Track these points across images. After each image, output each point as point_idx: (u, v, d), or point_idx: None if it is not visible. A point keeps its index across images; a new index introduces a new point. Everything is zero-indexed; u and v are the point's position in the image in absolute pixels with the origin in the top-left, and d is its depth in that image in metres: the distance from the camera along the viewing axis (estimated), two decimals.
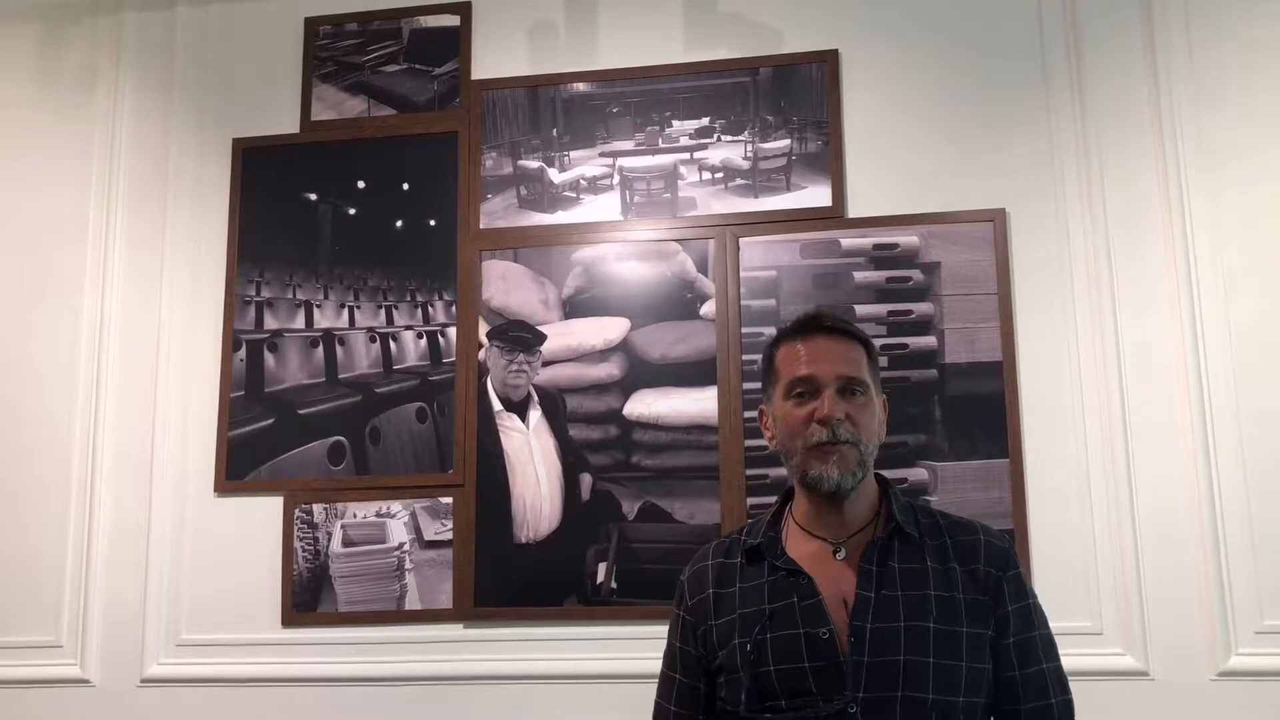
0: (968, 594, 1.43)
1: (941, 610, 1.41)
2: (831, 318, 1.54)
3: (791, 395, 1.48)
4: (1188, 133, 2.44)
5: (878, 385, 1.52)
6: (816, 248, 2.55)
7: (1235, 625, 2.26)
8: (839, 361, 1.48)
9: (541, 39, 2.77)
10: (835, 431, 1.43)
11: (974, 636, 1.41)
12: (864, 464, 1.46)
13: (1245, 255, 2.38)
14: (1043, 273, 2.47)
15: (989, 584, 1.44)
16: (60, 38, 2.92)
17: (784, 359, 1.51)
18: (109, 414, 2.72)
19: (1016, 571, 1.47)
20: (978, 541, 1.48)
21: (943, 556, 1.46)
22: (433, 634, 2.54)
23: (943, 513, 1.54)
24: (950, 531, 1.49)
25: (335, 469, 2.64)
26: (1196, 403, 2.35)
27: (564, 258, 2.65)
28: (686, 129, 2.68)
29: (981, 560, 1.46)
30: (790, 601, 1.44)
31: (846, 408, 1.45)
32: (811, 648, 1.40)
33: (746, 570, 1.51)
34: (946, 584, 1.43)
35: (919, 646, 1.38)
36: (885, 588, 1.42)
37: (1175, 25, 2.49)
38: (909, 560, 1.45)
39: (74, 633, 2.63)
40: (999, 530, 1.54)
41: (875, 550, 1.45)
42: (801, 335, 1.51)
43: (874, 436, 1.49)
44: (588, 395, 2.59)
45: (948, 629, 1.40)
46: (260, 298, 2.74)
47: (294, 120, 2.82)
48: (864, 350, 1.51)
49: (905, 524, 1.47)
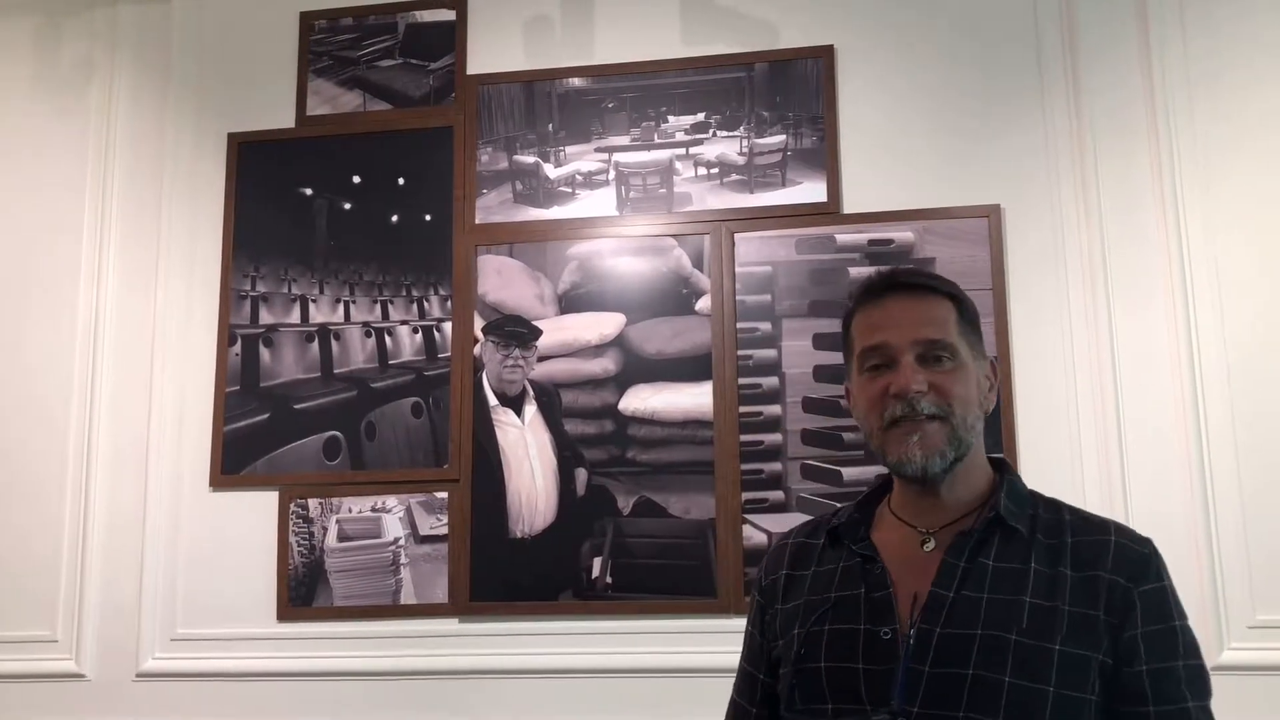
0: (1077, 606, 1.17)
1: (1034, 621, 1.16)
2: (909, 271, 1.33)
3: (866, 368, 1.27)
4: (1182, 129, 2.44)
5: (975, 348, 1.29)
6: (812, 243, 2.55)
7: (1228, 620, 2.27)
8: (917, 323, 1.25)
9: (537, 34, 2.77)
10: (915, 406, 1.22)
11: (1073, 658, 1.15)
12: (958, 441, 1.23)
13: (1239, 250, 2.39)
14: (1037, 268, 2.47)
15: (1114, 597, 1.18)
16: (56, 31, 2.92)
17: (858, 328, 1.30)
18: (104, 408, 2.72)
19: (1160, 585, 1.20)
20: (1105, 543, 1.22)
21: (1054, 559, 1.21)
22: (428, 629, 2.54)
23: (1075, 509, 1.29)
24: (1075, 530, 1.24)
25: (331, 464, 2.64)
26: (1190, 397, 2.35)
27: (559, 253, 2.65)
28: (682, 124, 2.68)
29: (1108, 567, 1.19)
30: (858, 592, 1.24)
31: (929, 377, 1.23)
32: (869, 647, 1.19)
33: (826, 553, 1.32)
34: (1050, 591, 1.18)
35: (995, 662, 1.14)
36: (968, 588, 1.19)
37: (1170, 21, 2.48)
38: (1009, 559, 1.21)
39: (69, 627, 2.63)
40: (1143, 535, 1.26)
41: (969, 544, 1.22)
42: (874, 297, 1.30)
43: (971, 407, 1.24)
44: (583, 390, 2.59)
45: (1037, 645, 1.15)
46: (256, 292, 2.74)
47: (289, 115, 2.81)
48: (952, 306, 1.28)
49: (1011, 516, 1.24)
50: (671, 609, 2.46)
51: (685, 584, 2.47)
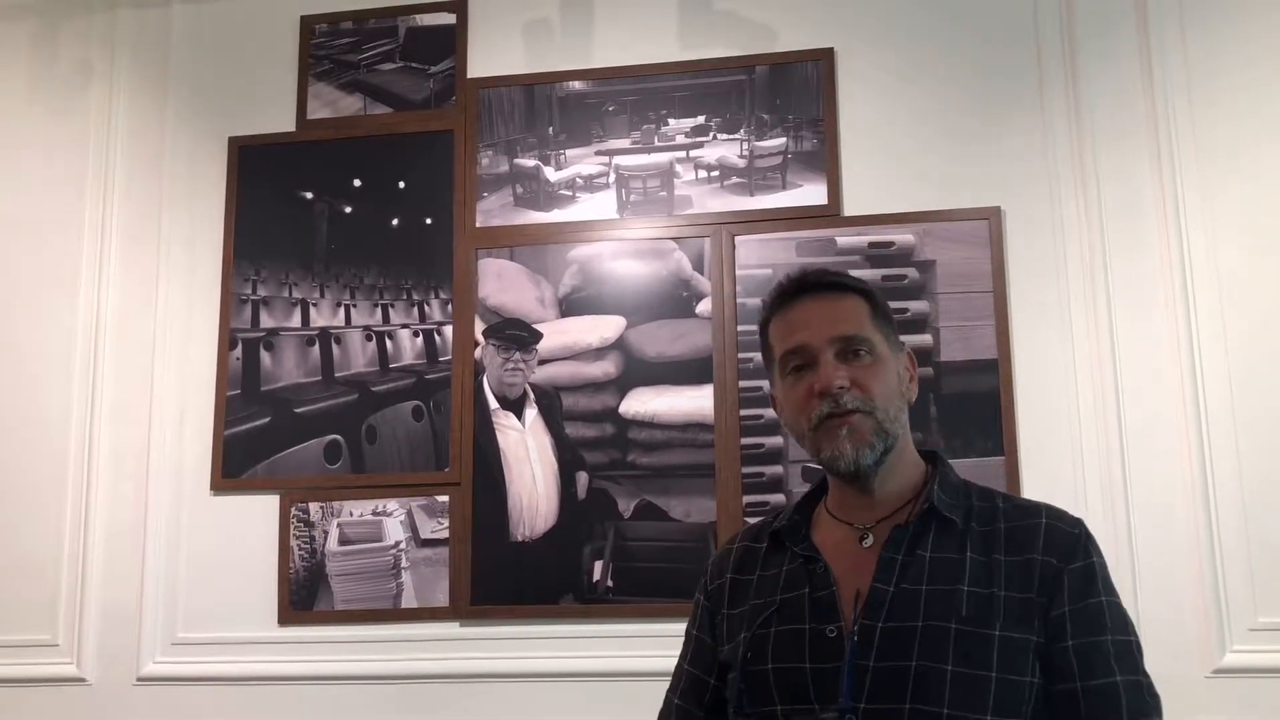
0: (1013, 590, 1.19)
1: (973, 609, 1.18)
2: (818, 273, 1.34)
3: (788, 371, 1.31)
4: (1183, 131, 2.44)
5: (891, 339, 1.31)
6: (812, 246, 2.55)
7: (1230, 622, 2.26)
8: (832, 321, 1.28)
9: (537, 37, 2.77)
10: (839, 401, 1.24)
11: (1011, 642, 1.17)
12: (884, 432, 1.25)
13: (1240, 252, 2.38)
14: (1038, 271, 2.47)
15: (1045, 577, 1.20)
16: (55, 34, 2.92)
17: (775, 333, 1.34)
18: (105, 412, 2.71)
19: (1088, 563, 1.22)
20: (1037, 526, 1.23)
21: (989, 546, 1.23)
22: (429, 632, 2.54)
23: (1009, 495, 1.32)
24: (1008, 516, 1.26)
25: (331, 467, 2.64)
26: (1191, 399, 2.35)
27: (560, 256, 2.65)
28: (682, 127, 2.68)
29: (1040, 549, 1.21)
30: (802, 592, 1.26)
31: (849, 372, 1.26)
32: (815, 646, 1.21)
33: (769, 557, 1.34)
34: (987, 578, 1.20)
35: (937, 652, 1.16)
36: (907, 581, 1.21)
37: (1170, 23, 2.49)
38: (945, 549, 1.23)
39: (70, 631, 2.63)
40: (1074, 516, 1.27)
41: (905, 537, 1.24)
42: (787, 301, 1.33)
43: (894, 399, 1.27)
44: (584, 393, 2.59)
45: (976, 632, 1.17)
46: (256, 296, 2.74)
47: (290, 118, 2.81)
48: (864, 301, 1.31)
49: (944, 506, 1.25)
50: (672, 612, 2.45)
51: (686, 587, 2.45)
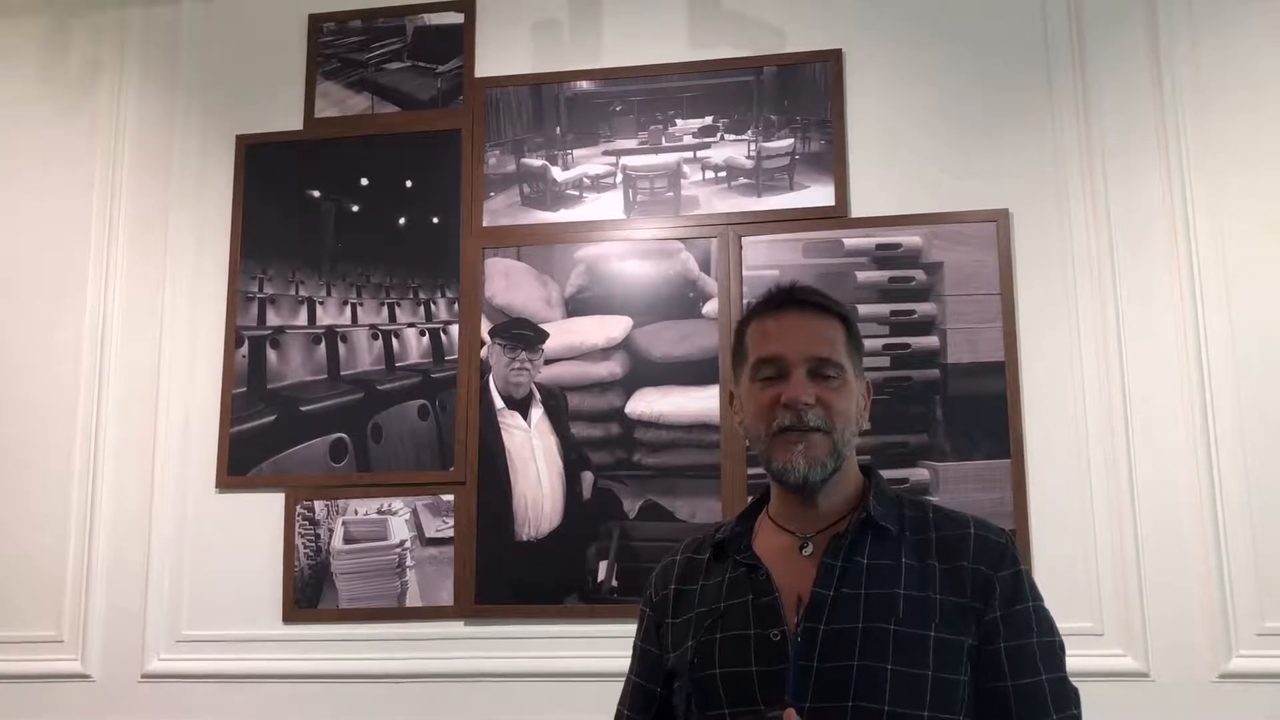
0: (946, 594, 1.27)
1: (909, 611, 1.25)
2: (807, 290, 1.38)
3: (759, 377, 1.35)
4: (1191, 133, 2.43)
5: (857, 368, 1.37)
6: (819, 247, 2.55)
7: (1236, 627, 2.26)
8: (811, 340, 1.33)
9: (545, 37, 2.77)
10: (803, 417, 1.29)
11: (946, 643, 1.24)
12: (837, 454, 1.31)
13: (1248, 256, 2.38)
14: (1045, 273, 2.47)
15: (977, 584, 1.27)
16: (65, 33, 2.93)
17: (753, 336, 1.38)
18: (111, 410, 2.72)
19: (1015, 571, 1.30)
20: (966, 536, 1.31)
21: (922, 553, 1.30)
22: (433, 631, 2.54)
23: (938, 506, 1.39)
24: (938, 525, 1.33)
25: (337, 466, 2.64)
26: (1199, 404, 2.35)
27: (567, 256, 2.65)
28: (690, 128, 2.68)
29: (970, 557, 1.29)
30: (745, 599, 1.31)
31: (818, 391, 1.31)
32: (760, 650, 1.26)
33: (712, 567, 1.39)
34: (920, 582, 1.27)
35: (877, 652, 1.22)
36: (847, 586, 1.27)
37: (1179, 25, 2.48)
38: (881, 556, 1.30)
39: (75, 628, 2.64)
40: (999, 526, 1.36)
41: (844, 545, 1.30)
42: (772, 310, 1.37)
43: (850, 424, 1.33)
44: (590, 393, 2.59)
45: (913, 633, 1.24)
46: (263, 294, 2.74)
47: (298, 117, 2.82)
48: (842, 327, 1.36)
49: (880, 516, 1.32)
50: None
51: None
